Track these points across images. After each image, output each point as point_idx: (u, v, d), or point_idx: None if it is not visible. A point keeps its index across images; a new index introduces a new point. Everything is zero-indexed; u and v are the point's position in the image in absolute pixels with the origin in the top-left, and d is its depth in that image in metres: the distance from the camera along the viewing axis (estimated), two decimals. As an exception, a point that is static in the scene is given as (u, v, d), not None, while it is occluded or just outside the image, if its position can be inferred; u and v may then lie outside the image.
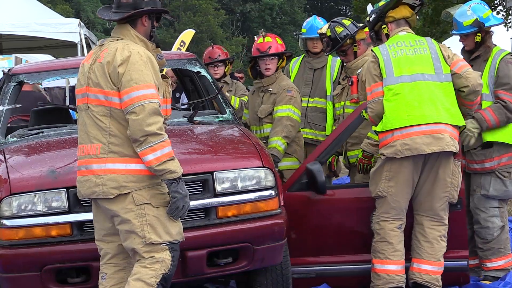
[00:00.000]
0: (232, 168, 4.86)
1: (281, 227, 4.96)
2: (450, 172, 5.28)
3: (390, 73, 5.32)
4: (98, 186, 4.24)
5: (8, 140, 5.61)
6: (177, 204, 4.24)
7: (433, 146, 5.17)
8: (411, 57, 5.34)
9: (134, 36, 4.38)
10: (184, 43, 20.05)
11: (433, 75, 5.31)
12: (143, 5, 4.37)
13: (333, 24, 6.18)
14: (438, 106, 5.24)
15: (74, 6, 46.65)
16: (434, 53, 5.37)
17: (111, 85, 4.23)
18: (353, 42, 6.10)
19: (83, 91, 4.36)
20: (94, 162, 4.27)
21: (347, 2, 54.10)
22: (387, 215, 5.32)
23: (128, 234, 4.26)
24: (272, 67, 6.45)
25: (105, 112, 4.25)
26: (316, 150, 5.73)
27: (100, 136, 4.26)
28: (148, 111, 4.14)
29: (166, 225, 4.28)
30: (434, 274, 5.33)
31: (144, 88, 4.18)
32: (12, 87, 5.97)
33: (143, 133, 4.13)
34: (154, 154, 4.15)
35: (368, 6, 5.77)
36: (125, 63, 4.20)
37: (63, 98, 16.36)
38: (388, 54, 5.35)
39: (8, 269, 4.65)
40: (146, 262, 4.27)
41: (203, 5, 49.73)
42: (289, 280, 5.31)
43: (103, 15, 4.46)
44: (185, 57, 6.38)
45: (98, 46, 4.47)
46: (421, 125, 5.21)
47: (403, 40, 5.42)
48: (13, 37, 13.09)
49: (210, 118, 5.97)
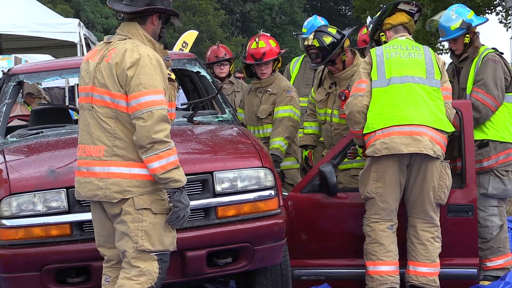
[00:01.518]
0: (231, 168, 4.86)
1: (280, 227, 4.96)
2: (437, 174, 5.28)
3: (381, 75, 5.34)
4: (101, 190, 4.15)
5: (8, 140, 5.61)
6: (179, 214, 4.15)
7: (411, 147, 5.18)
8: (404, 60, 5.35)
9: (142, 36, 4.24)
10: (186, 44, 20.04)
11: (424, 78, 5.33)
12: (157, 3, 4.25)
13: (319, 34, 6.00)
14: (423, 109, 5.25)
15: (74, 6, 46.62)
16: (429, 59, 5.39)
17: (119, 88, 4.11)
18: (341, 50, 6.00)
19: (87, 90, 4.24)
20: (97, 164, 4.17)
21: (346, 2, 54.07)
22: (377, 216, 5.33)
23: (123, 235, 4.19)
24: (268, 71, 6.43)
25: (110, 114, 4.14)
26: (329, 153, 5.75)
27: (104, 138, 4.15)
28: (156, 118, 4.03)
29: (161, 234, 4.19)
30: (431, 275, 5.33)
31: (153, 94, 4.06)
32: (12, 87, 5.97)
33: (150, 140, 4.03)
34: (160, 162, 4.06)
35: (368, 19, 5.78)
36: (134, 66, 4.08)
37: (63, 98, 16.39)
38: (382, 55, 5.37)
39: (8, 269, 4.65)
40: (132, 274, 4.17)
41: (203, 5, 49.73)
42: (289, 280, 5.31)
43: (114, 6, 4.28)
44: (184, 57, 6.38)
45: (104, 43, 4.32)
46: (402, 125, 5.23)
47: (399, 44, 5.45)
48: (13, 37, 13.09)
49: (209, 118, 5.97)
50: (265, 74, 6.41)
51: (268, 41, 6.45)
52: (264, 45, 6.39)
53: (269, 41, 6.45)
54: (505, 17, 17.45)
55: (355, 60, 6.04)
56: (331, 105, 6.05)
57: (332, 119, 6.05)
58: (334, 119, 6.04)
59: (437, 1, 15.13)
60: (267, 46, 6.39)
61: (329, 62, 6.00)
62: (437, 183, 5.29)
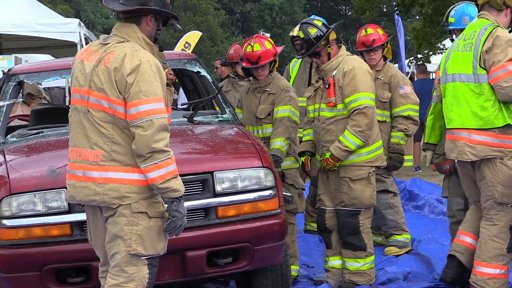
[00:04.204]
0: (232, 168, 4.86)
1: (280, 227, 4.96)
2: (489, 172, 5.26)
3: (444, 70, 5.41)
4: (98, 195, 4.04)
5: (8, 140, 5.61)
6: (176, 224, 4.06)
7: (453, 152, 5.31)
8: (459, 54, 5.33)
9: (140, 39, 4.12)
10: (189, 45, 20.01)
11: (470, 75, 5.24)
12: (151, 4, 4.14)
13: (305, 26, 5.93)
14: (464, 110, 5.25)
15: (74, 6, 46.63)
16: (476, 51, 5.22)
17: (117, 94, 3.98)
18: (326, 43, 5.93)
19: (83, 93, 4.10)
20: (94, 169, 4.04)
21: (346, 2, 54.01)
22: None
23: (115, 237, 4.07)
24: (264, 73, 6.38)
25: (108, 119, 4.02)
26: None
27: (101, 143, 4.03)
28: (156, 127, 3.93)
29: (154, 239, 4.09)
30: (481, 275, 5.29)
31: (153, 102, 3.95)
32: (12, 87, 5.98)
33: (149, 149, 3.93)
34: (159, 171, 3.96)
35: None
36: (134, 72, 3.96)
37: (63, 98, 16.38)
38: (452, 48, 5.43)
39: (8, 269, 4.65)
40: (120, 281, 4.05)
41: (203, 5, 49.70)
42: (289, 280, 5.31)
43: (108, 4, 4.15)
44: (185, 57, 6.38)
45: (100, 44, 4.16)
46: (449, 129, 5.36)
47: (465, 32, 5.37)
48: (13, 37, 13.07)
49: (210, 118, 5.97)
50: (262, 76, 6.40)
51: (264, 43, 6.34)
52: (259, 48, 6.31)
53: (264, 43, 6.35)
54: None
55: (340, 51, 5.99)
56: (319, 100, 6.01)
57: (320, 113, 6.00)
58: (322, 113, 5.98)
59: (437, 1, 15.08)
60: (262, 48, 6.32)
61: (315, 55, 5.96)
62: (490, 180, 5.26)
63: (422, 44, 16.12)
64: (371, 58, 7.09)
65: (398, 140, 6.97)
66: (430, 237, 7.38)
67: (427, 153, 6.05)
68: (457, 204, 5.97)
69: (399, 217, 7.05)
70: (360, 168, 5.84)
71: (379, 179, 7.02)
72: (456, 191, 5.96)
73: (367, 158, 5.86)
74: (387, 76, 7.07)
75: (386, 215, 7.03)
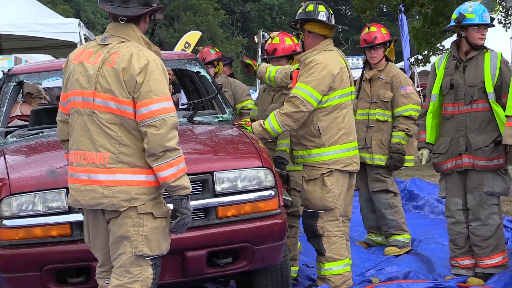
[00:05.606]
0: (232, 168, 4.87)
1: (281, 227, 4.96)
2: None
3: None
4: (107, 198, 4.00)
5: (8, 140, 5.61)
6: (185, 221, 4.08)
7: None
8: None
9: (139, 38, 4.08)
10: (189, 45, 20.01)
11: None
12: (152, 2, 4.11)
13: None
14: None
15: (74, 6, 46.67)
16: None
17: (127, 94, 3.95)
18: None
19: (86, 95, 4.03)
20: (101, 172, 4.01)
21: (346, 2, 54.05)
22: None
23: (120, 239, 4.05)
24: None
25: (115, 120, 3.98)
26: None
27: (108, 145, 3.99)
28: (169, 125, 3.93)
29: (160, 239, 4.10)
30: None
31: (164, 101, 3.95)
32: (12, 87, 5.98)
33: (163, 148, 3.93)
34: (171, 170, 3.97)
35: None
36: (143, 71, 3.93)
37: (63, 98, 16.34)
38: None
39: (8, 269, 4.65)
40: (125, 281, 4.06)
41: (203, 5, 49.74)
42: (289, 280, 5.31)
43: (106, 7, 4.08)
44: (184, 57, 6.38)
45: (99, 45, 4.09)
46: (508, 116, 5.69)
47: None
48: (13, 37, 13.07)
49: (209, 118, 5.97)
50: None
51: (284, 38, 6.37)
52: (277, 41, 6.37)
53: (284, 38, 6.38)
54: (505, 17, 17.41)
55: (320, 45, 5.65)
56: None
57: None
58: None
59: (437, 1, 15.07)
60: (281, 43, 6.36)
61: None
62: None
63: (422, 44, 16.09)
64: (372, 56, 7.10)
65: (399, 140, 6.97)
66: (430, 237, 7.39)
67: (424, 152, 6.05)
68: (456, 204, 5.97)
69: (399, 217, 7.06)
70: (313, 169, 5.64)
71: (380, 179, 7.03)
72: (454, 191, 5.97)
73: (320, 159, 5.60)
74: (389, 76, 7.07)
75: (386, 215, 7.03)
